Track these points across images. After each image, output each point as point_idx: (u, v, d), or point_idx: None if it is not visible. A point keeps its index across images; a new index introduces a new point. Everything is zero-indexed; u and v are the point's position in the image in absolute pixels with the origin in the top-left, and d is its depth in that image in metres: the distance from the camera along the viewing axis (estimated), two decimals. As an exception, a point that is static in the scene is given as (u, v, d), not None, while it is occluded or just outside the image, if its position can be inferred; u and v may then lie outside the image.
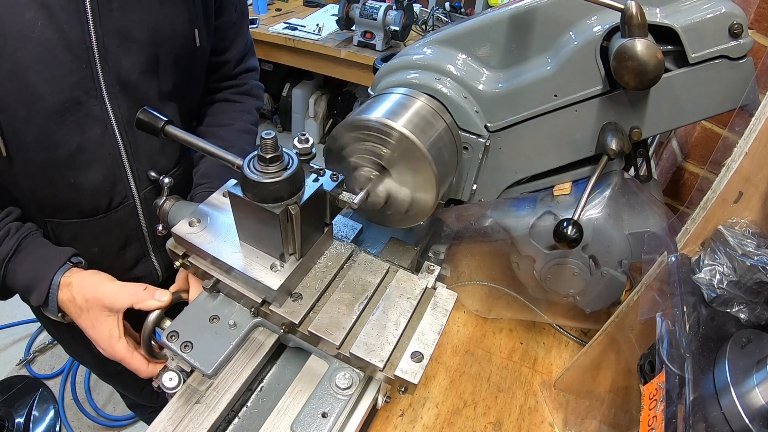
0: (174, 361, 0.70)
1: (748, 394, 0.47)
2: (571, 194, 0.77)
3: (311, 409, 0.63)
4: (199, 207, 0.75)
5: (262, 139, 0.58)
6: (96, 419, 2.06)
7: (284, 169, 0.60)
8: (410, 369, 0.64)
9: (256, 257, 0.68)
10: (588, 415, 0.80)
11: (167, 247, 0.74)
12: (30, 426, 1.95)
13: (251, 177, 0.59)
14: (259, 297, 0.68)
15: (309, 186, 0.65)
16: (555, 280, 0.81)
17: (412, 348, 0.66)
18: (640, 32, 0.57)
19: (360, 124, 0.69)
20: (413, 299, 0.71)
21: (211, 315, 0.70)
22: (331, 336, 0.65)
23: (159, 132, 0.69)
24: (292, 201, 0.62)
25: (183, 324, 0.69)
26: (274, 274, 0.66)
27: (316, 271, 0.73)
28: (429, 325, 0.69)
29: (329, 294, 0.71)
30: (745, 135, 0.55)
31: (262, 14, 3.08)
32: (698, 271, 0.57)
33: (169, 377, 0.68)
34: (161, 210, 0.81)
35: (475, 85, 0.74)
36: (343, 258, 0.75)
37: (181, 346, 0.66)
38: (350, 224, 0.91)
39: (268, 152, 0.59)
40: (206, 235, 0.70)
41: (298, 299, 0.69)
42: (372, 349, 0.65)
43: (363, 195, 0.70)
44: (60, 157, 0.83)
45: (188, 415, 0.65)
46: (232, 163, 0.64)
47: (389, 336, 0.66)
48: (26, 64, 0.73)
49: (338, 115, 3.74)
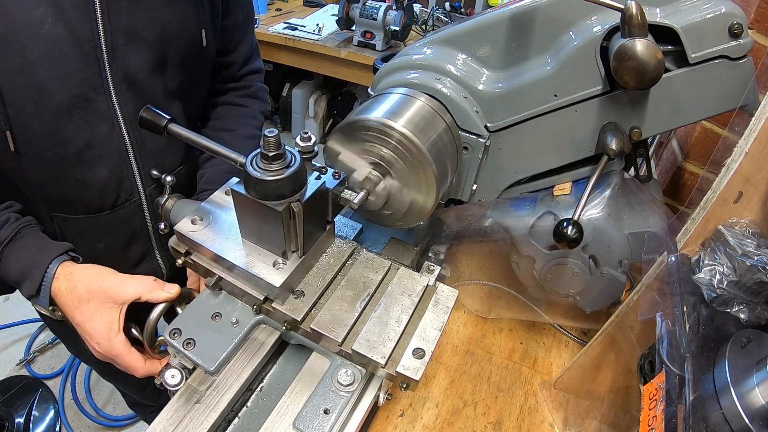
0: (176, 358, 0.70)
1: (748, 394, 0.47)
2: (571, 194, 0.77)
3: (314, 405, 0.64)
4: (201, 205, 0.75)
5: (265, 136, 0.59)
6: (96, 419, 2.06)
7: (287, 167, 0.60)
8: (412, 365, 0.64)
9: (258, 255, 0.68)
10: (588, 415, 0.80)
11: (169, 245, 0.74)
12: (30, 426, 1.95)
13: (254, 174, 0.59)
14: (261, 294, 0.68)
15: (311, 184, 0.65)
16: (555, 280, 0.81)
17: (414, 345, 0.66)
18: (640, 32, 0.57)
19: (360, 124, 0.69)
20: (415, 296, 0.71)
21: (213, 312, 0.70)
22: (333, 333, 0.65)
23: (162, 130, 0.69)
24: (294, 198, 0.62)
25: (185, 321, 0.69)
26: (277, 271, 0.67)
27: (318, 268, 0.73)
28: (430, 322, 0.69)
29: (331, 291, 0.71)
30: (745, 135, 0.55)
31: (262, 14, 3.08)
32: (698, 271, 0.57)
33: (171, 374, 0.68)
34: (163, 208, 0.82)
35: (475, 85, 0.74)
36: (345, 255, 0.75)
37: (183, 344, 0.66)
38: (350, 224, 0.91)
39: (270, 150, 0.59)
40: (209, 233, 0.71)
41: (300, 296, 0.69)
42: (374, 346, 0.65)
43: (363, 195, 0.70)
44: (68, 153, 0.83)
45: (188, 415, 0.65)
46: (235, 161, 0.64)
47: (391, 333, 0.66)
48: (35, 60, 0.73)
49: (338, 115, 3.74)
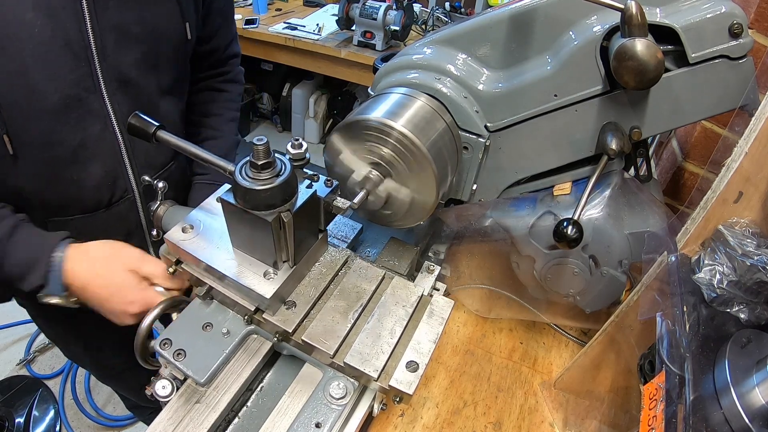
0: (167, 368, 0.69)
1: (748, 394, 0.47)
2: (571, 194, 0.77)
3: (305, 419, 0.63)
4: (192, 213, 0.73)
5: (254, 145, 0.57)
6: (96, 419, 2.06)
7: (276, 176, 0.59)
8: (405, 379, 0.63)
9: (249, 264, 0.67)
10: (588, 415, 0.80)
11: (160, 254, 0.73)
12: (30, 426, 1.95)
13: (243, 184, 0.58)
14: (252, 305, 0.67)
15: (302, 192, 0.64)
16: (555, 280, 0.81)
17: (408, 357, 0.65)
18: (640, 32, 0.57)
19: (360, 124, 0.69)
20: (409, 307, 0.70)
21: (204, 322, 0.69)
22: (325, 345, 0.64)
23: (151, 137, 0.69)
24: (284, 208, 0.60)
25: (176, 331, 0.68)
26: (267, 281, 0.65)
27: (310, 278, 0.72)
28: (425, 334, 0.68)
29: (323, 302, 0.70)
30: (745, 135, 0.55)
31: (262, 14, 3.08)
32: (698, 271, 0.57)
33: (162, 385, 0.67)
34: (155, 215, 0.81)
35: (475, 85, 0.74)
36: (338, 264, 0.74)
37: (174, 354, 0.65)
38: (350, 224, 0.91)
39: (260, 158, 0.57)
40: (199, 242, 0.69)
41: (291, 307, 0.68)
42: (366, 359, 0.64)
43: (363, 195, 0.70)
44: (63, 154, 0.84)
45: (188, 415, 0.65)
46: (224, 169, 0.63)
47: (384, 345, 0.65)
48: (28, 63, 0.73)
49: (338, 115, 3.75)
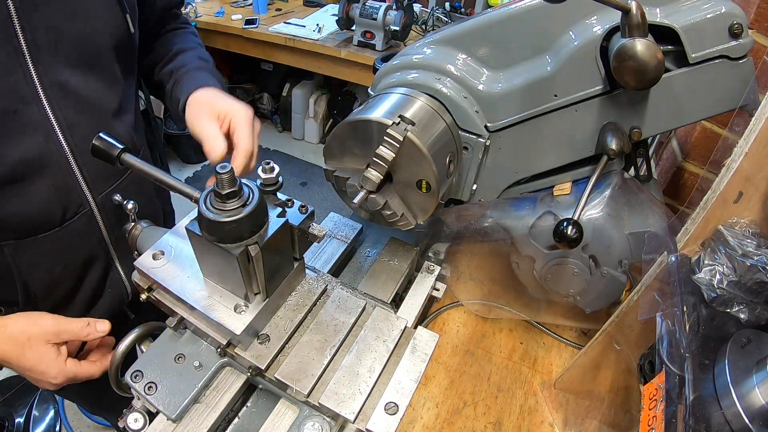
0: (140, 401, 0.67)
1: (748, 394, 0.47)
2: (571, 194, 0.77)
3: None
4: (164, 237, 0.70)
5: (217, 173, 0.52)
6: (96, 419, 2.06)
7: (243, 206, 0.55)
8: (383, 423, 0.59)
9: (220, 296, 0.64)
10: (588, 415, 0.80)
11: (133, 280, 0.70)
12: (30, 426, 1.94)
13: (207, 215, 0.54)
14: (223, 339, 0.65)
15: (273, 222, 0.59)
16: (555, 280, 0.81)
17: (387, 398, 0.61)
18: (640, 32, 0.57)
19: (360, 124, 0.69)
20: (390, 342, 0.67)
21: (176, 354, 0.67)
22: (299, 384, 0.61)
23: (115, 160, 0.64)
24: (252, 240, 0.57)
25: (147, 363, 0.66)
26: (238, 315, 0.62)
27: (286, 309, 0.69)
28: (406, 372, 0.64)
29: (299, 335, 0.67)
30: (745, 135, 0.55)
31: (262, 14, 3.08)
32: (698, 271, 0.57)
33: (134, 418, 0.65)
34: (131, 235, 0.77)
35: (475, 85, 0.74)
36: (316, 294, 0.71)
37: (145, 388, 0.63)
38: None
39: (224, 188, 0.53)
40: (170, 269, 0.66)
41: (265, 341, 0.65)
42: (343, 400, 0.60)
43: (363, 195, 0.70)
44: (4, 171, 0.75)
45: (188, 414, 0.65)
46: (189, 196, 0.59)
47: (362, 385, 0.62)
48: None
49: (338, 115, 3.75)
